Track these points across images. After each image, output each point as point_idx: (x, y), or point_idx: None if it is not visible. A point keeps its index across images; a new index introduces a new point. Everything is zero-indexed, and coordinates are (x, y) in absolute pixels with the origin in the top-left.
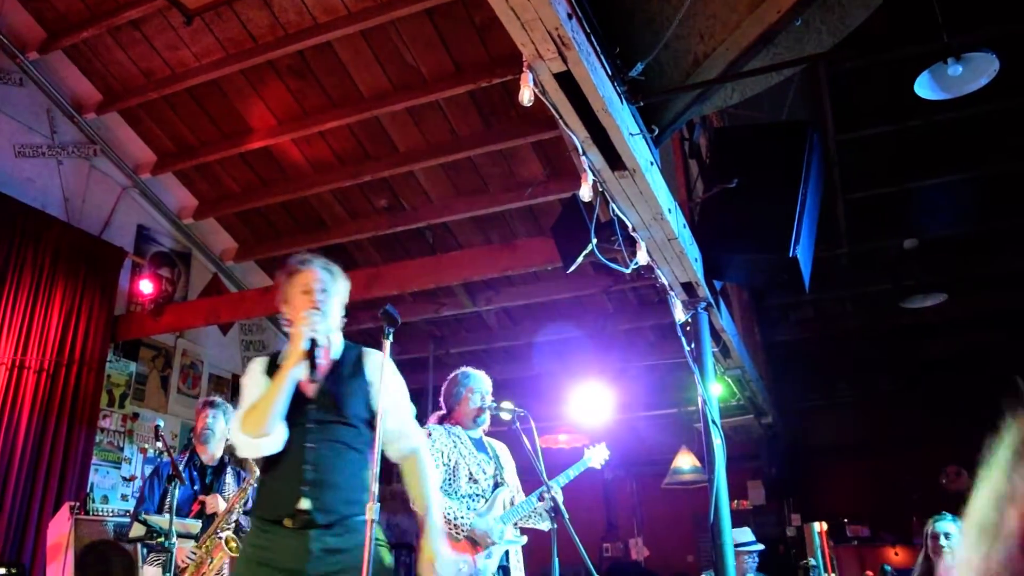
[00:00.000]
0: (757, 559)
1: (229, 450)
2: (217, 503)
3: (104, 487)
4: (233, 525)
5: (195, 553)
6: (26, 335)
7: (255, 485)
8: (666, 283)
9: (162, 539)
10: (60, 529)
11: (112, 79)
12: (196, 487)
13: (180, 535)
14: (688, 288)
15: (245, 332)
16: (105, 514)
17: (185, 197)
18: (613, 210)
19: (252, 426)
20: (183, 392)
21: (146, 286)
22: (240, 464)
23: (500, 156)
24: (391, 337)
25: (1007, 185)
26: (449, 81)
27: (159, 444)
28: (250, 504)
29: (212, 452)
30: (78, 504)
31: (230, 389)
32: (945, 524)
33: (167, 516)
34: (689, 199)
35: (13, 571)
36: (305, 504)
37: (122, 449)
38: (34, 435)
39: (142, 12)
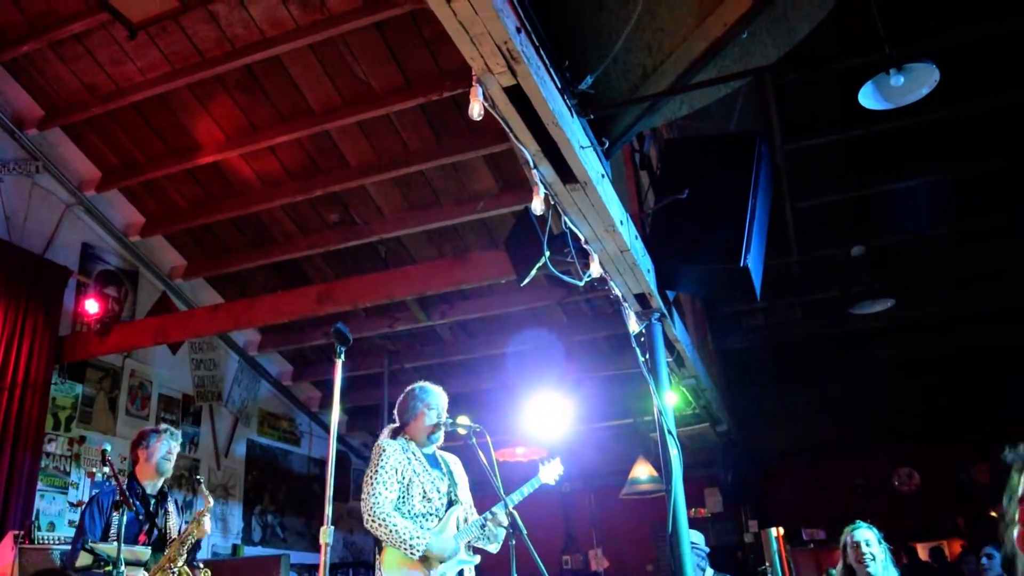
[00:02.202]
0: (705, 558)
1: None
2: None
3: (50, 513)
4: (185, 556)
5: None
6: None
7: (208, 516)
8: (619, 295)
9: (110, 567)
10: (3, 559)
11: (54, 94)
12: (141, 515)
13: (129, 563)
14: (641, 299)
15: (195, 351)
16: (51, 542)
17: (132, 214)
18: (565, 223)
19: None
20: (132, 414)
21: (92, 306)
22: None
23: (452, 169)
24: (343, 356)
25: (951, 191)
26: (400, 95)
27: (107, 469)
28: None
29: (160, 479)
30: (22, 533)
31: (180, 409)
32: (862, 532)
33: (115, 544)
34: (641, 211)
35: None
36: None
37: (69, 474)
38: None
39: (85, 26)
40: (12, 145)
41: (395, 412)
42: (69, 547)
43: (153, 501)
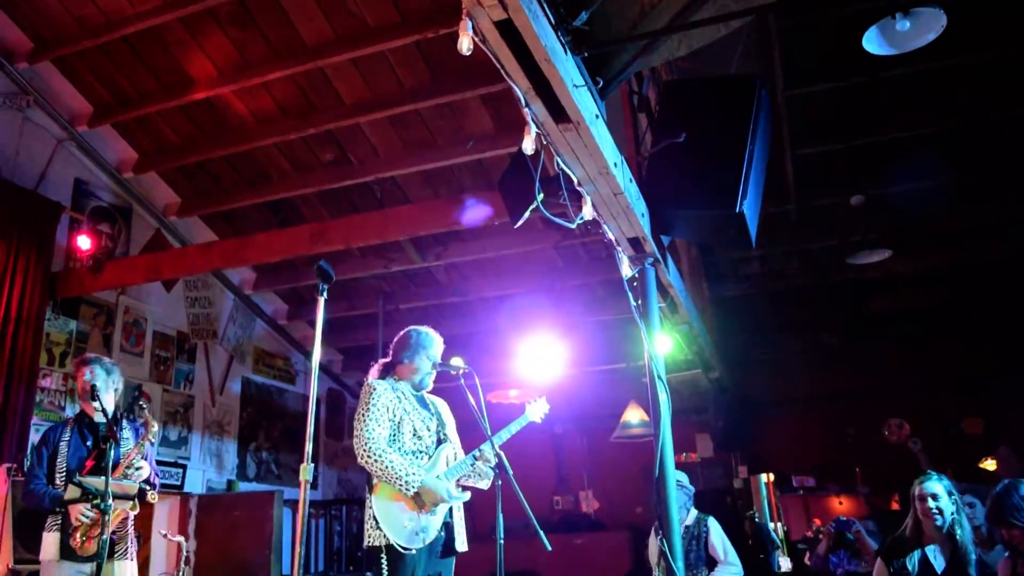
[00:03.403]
0: (691, 498)
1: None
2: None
3: None
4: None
5: (89, 512)
6: None
7: (152, 441)
8: (613, 238)
9: (98, 501)
10: None
11: (44, 27)
12: (89, 443)
13: (116, 496)
14: (635, 243)
15: (190, 288)
16: None
17: (124, 150)
18: (558, 164)
19: None
20: (127, 350)
21: (84, 242)
22: (133, 417)
23: (448, 109)
24: (325, 293)
25: (955, 142)
26: (394, 31)
27: (95, 404)
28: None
29: (100, 408)
30: (15, 466)
31: (175, 346)
32: (932, 484)
33: (103, 478)
34: (638, 153)
35: None
36: None
37: (64, 408)
38: None
39: None
40: (2, 79)
41: (390, 348)
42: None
43: (103, 428)
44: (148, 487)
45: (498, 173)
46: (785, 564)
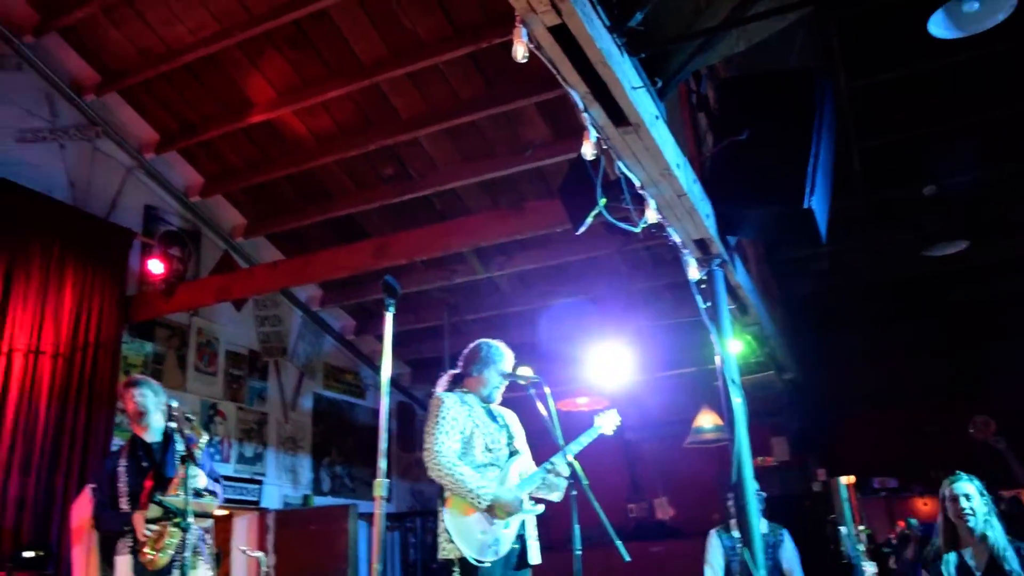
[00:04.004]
0: (762, 501)
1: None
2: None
3: None
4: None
5: (153, 526)
6: (40, 320)
7: (203, 448)
8: (678, 241)
9: (179, 519)
10: (82, 512)
11: (109, 59)
12: (144, 464)
13: (197, 515)
14: (701, 245)
15: (259, 307)
16: None
17: (191, 175)
18: (619, 168)
19: None
20: (201, 370)
21: (156, 266)
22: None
23: (504, 118)
24: (393, 308)
25: None
26: (448, 44)
27: (172, 424)
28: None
29: (152, 428)
30: (99, 486)
31: (247, 365)
32: (963, 485)
33: (182, 496)
34: (699, 153)
35: (40, 554)
36: None
37: None
38: (54, 419)
39: None
40: (72, 112)
41: (460, 361)
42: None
43: (157, 449)
44: (206, 493)
45: (558, 180)
46: (870, 569)
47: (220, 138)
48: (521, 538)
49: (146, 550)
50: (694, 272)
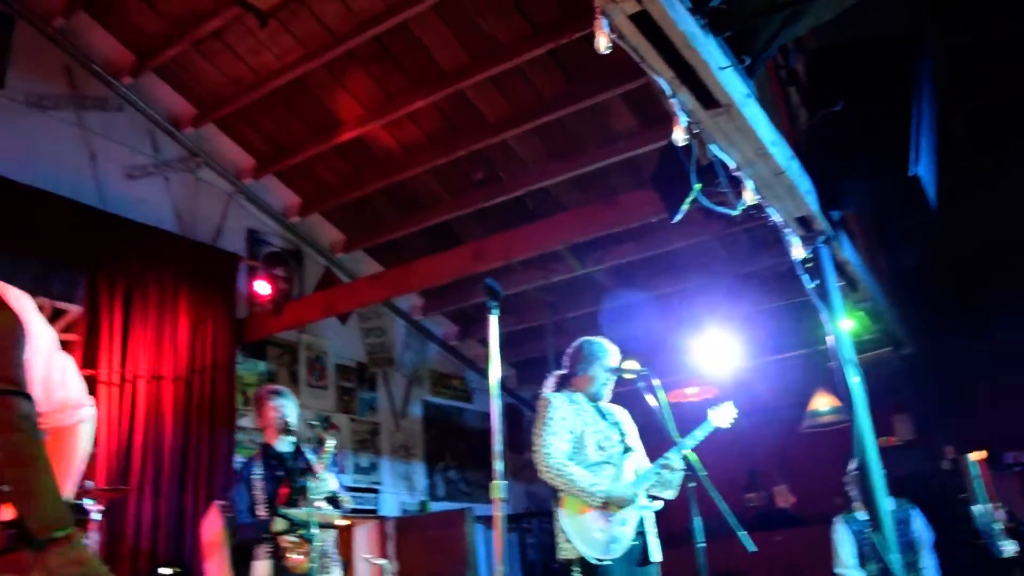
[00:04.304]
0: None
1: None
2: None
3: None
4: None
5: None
6: (159, 347)
7: (330, 452)
8: (779, 221)
9: (303, 531)
10: (213, 527)
11: (203, 91)
12: (278, 473)
13: (322, 526)
14: (804, 223)
15: (363, 320)
16: None
17: (288, 196)
18: (712, 151)
19: None
20: (312, 385)
21: (263, 287)
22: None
23: (590, 112)
24: (497, 311)
25: None
26: (527, 43)
27: (292, 438)
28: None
29: (286, 438)
30: (226, 503)
31: (356, 377)
32: None
33: (305, 509)
34: (793, 129)
35: (176, 571)
36: (10, 515)
37: None
38: (179, 440)
39: (220, 22)
40: (173, 145)
41: (565, 360)
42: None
43: (288, 458)
44: (342, 498)
45: (649, 170)
46: (1010, 548)
47: (313, 158)
48: (641, 535)
49: (291, 554)
50: (799, 251)
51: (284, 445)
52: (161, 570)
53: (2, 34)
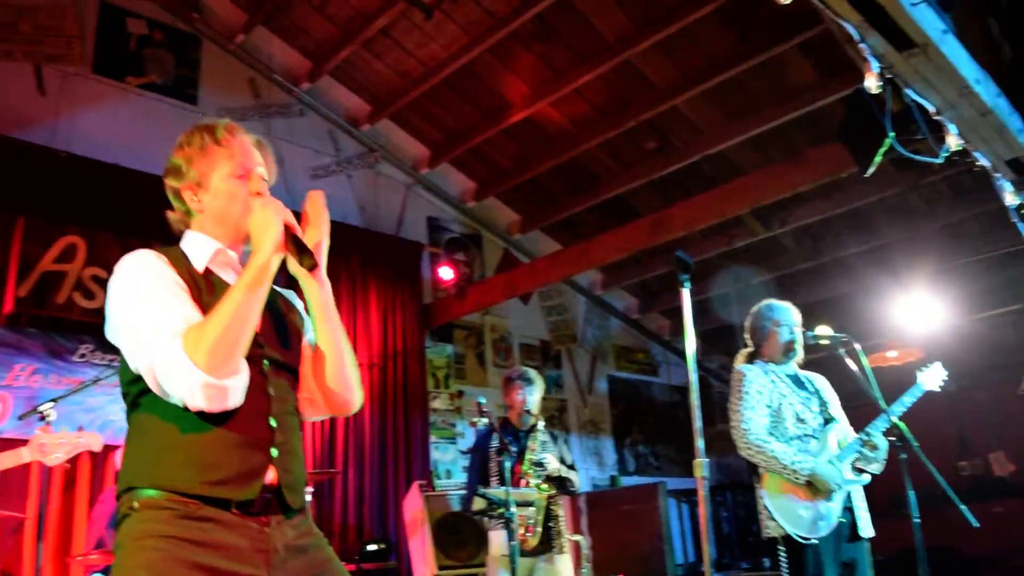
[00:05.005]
0: None
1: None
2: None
3: (445, 462)
4: (536, 475)
5: (527, 511)
6: (353, 336)
7: (541, 431)
8: (987, 165)
9: (501, 509)
10: (414, 506)
11: (376, 88)
12: (513, 448)
13: (519, 504)
14: (1016, 166)
15: (544, 299)
16: (448, 489)
17: (464, 182)
18: (908, 96)
19: (222, 357)
20: (498, 365)
21: (446, 272)
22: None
23: (763, 68)
24: (688, 283)
25: None
26: (693, 3)
27: (484, 419)
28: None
29: (526, 416)
30: (425, 482)
31: (540, 355)
32: None
33: (502, 488)
34: (996, 63)
35: (382, 547)
36: (271, 477)
37: (454, 425)
38: (377, 423)
39: (386, 20)
40: (352, 143)
41: (747, 336)
42: (464, 492)
43: (524, 435)
44: (572, 473)
45: (830, 124)
46: None
47: (485, 142)
48: (849, 510)
49: (521, 532)
50: (1011, 197)
51: (521, 425)
52: (368, 546)
53: (191, 54)
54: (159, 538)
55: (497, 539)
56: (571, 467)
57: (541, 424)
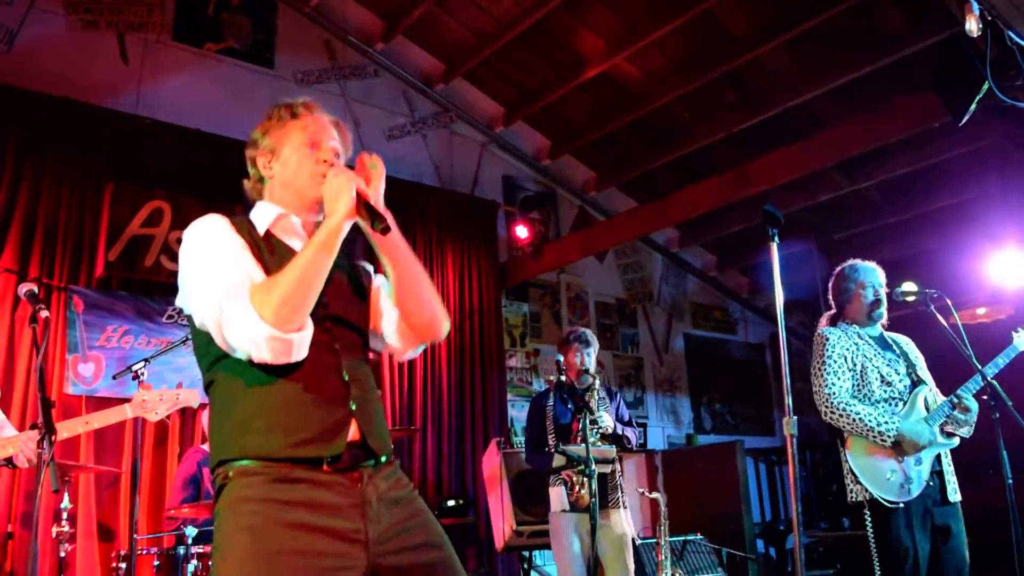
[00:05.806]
0: None
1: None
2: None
3: (522, 420)
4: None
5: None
6: None
7: (596, 389)
8: None
9: (582, 467)
10: (492, 463)
11: (449, 47)
12: (570, 406)
13: (598, 461)
14: None
15: (620, 257)
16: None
17: (538, 140)
18: (1010, 38)
19: (288, 312)
20: (574, 323)
21: (521, 231)
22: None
23: (850, 14)
24: (777, 238)
25: None
26: None
27: (562, 377)
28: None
29: (584, 376)
30: (503, 439)
31: (616, 313)
32: None
33: (583, 446)
34: None
35: (460, 502)
36: (354, 429)
37: (531, 383)
38: (455, 381)
39: None
40: (426, 103)
41: (829, 297)
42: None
43: (582, 394)
44: (627, 435)
45: (920, 72)
46: None
47: (559, 99)
48: (938, 474)
49: (575, 487)
50: None
51: (580, 384)
52: (447, 502)
53: (268, 19)
54: (256, 501)
55: (557, 495)
56: (627, 423)
57: (598, 383)
